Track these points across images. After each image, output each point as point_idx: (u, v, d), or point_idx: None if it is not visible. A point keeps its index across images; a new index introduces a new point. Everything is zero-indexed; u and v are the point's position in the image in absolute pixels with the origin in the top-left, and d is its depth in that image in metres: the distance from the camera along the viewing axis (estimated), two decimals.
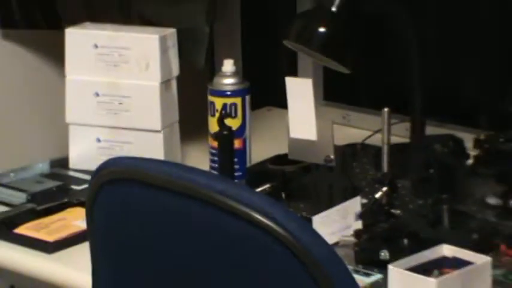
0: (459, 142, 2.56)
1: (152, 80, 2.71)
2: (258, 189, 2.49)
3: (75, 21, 2.81)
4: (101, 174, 1.89)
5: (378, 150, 2.50)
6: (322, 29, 2.51)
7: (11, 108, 3.01)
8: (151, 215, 1.89)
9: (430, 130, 2.63)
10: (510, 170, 2.44)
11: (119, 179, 1.89)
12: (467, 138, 2.56)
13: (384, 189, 2.32)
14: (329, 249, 1.67)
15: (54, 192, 2.62)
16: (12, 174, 2.71)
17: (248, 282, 1.75)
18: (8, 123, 3.00)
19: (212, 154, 2.69)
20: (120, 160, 1.94)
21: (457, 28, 3.05)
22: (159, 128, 2.73)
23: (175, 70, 2.77)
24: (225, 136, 2.61)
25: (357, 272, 2.13)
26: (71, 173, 2.74)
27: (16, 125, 3.02)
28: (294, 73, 3.00)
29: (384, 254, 2.15)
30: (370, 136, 2.72)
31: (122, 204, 1.93)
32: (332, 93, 3.19)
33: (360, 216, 2.29)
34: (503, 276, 2.09)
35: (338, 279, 1.64)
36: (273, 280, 1.69)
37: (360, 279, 2.07)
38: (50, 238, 2.38)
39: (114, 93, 2.73)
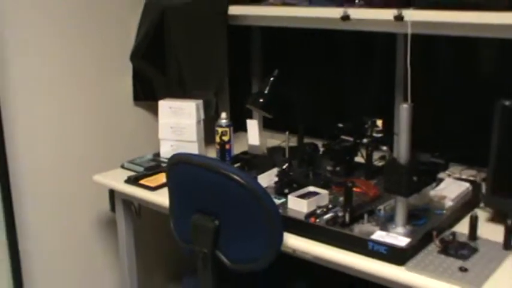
0: (316, 145, 2.68)
1: (193, 120, 2.79)
2: (235, 165, 2.63)
3: (162, 97, 2.86)
4: (172, 159, 2.15)
5: (284, 149, 2.56)
6: (261, 100, 2.63)
7: (138, 134, 3.04)
8: (192, 177, 2.10)
9: (306, 140, 2.64)
10: (336, 156, 2.52)
11: (179, 161, 2.13)
12: (319, 144, 2.64)
13: (286, 164, 2.42)
14: (263, 189, 1.98)
15: (154, 166, 2.74)
16: (137, 159, 2.81)
17: (232, 206, 2.01)
18: (138, 140, 3.03)
19: (217, 151, 2.78)
20: (180, 153, 2.16)
21: (313, 95, 3.12)
22: (195, 140, 2.81)
23: (202, 116, 2.84)
24: (222, 143, 2.75)
25: (275, 197, 2.27)
26: (161, 159, 2.82)
27: (140, 141, 3.04)
28: (251, 117, 2.97)
29: (286, 191, 2.30)
30: (280, 143, 2.77)
31: (180, 172, 2.14)
32: (266, 125, 3.23)
33: (277, 176, 2.40)
34: (334, 199, 2.27)
35: (266, 201, 1.96)
36: (241, 203, 1.98)
37: (276, 200, 2.18)
38: (153, 184, 2.55)
39: (178, 126, 2.81)
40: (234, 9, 2.81)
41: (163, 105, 2.84)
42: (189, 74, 2.84)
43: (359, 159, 2.58)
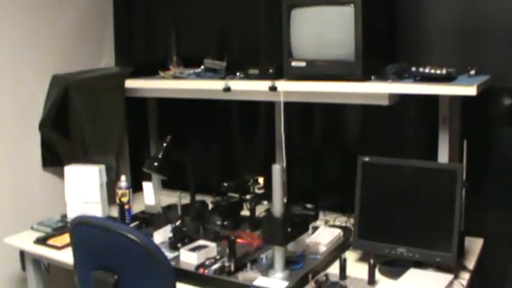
0: (205, 203, 2.70)
1: (96, 184, 2.76)
2: (132, 225, 2.61)
3: (68, 163, 2.82)
4: (73, 222, 2.10)
5: (177, 206, 2.62)
6: (155, 164, 2.57)
7: (47, 197, 2.94)
8: (91, 237, 2.05)
9: (198, 197, 2.63)
10: (224, 212, 2.57)
11: (79, 223, 2.08)
12: (208, 200, 2.69)
13: (179, 221, 2.45)
14: (156, 245, 1.96)
15: (61, 227, 2.68)
16: (46, 221, 2.74)
17: (129, 261, 1.96)
18: (47, 202, 2.92)
19: (118, 211, 2.68)
20: (80, 216, 2.15)
21: (204, 157, 3.18)
22: (99, 201, 2.78)
23: (104, 179, 2.81)
24: (122, 204, 2.68)
25: (169, 252, 2.27)
26: (68, 220, 2.70)
27: (49, 203, 2.90)
28: (149, 180, 2.90)
29: (179, 245, 2.30)
30: (176, 202, 2.67)
31: (80, 233, 2.09)
32: (164, 184, 3.16)
33: (171, 232, 2.38)
34: (221, 251, 2.26)
35: (159, 256, 1.92)
36: (137, 259, 1.93)
37: (170, 254, 2.23)
38: (59, 244, 2.52)
39: (83, 189, 2.78)
40: (130, 83, 2.84)
41: (69, 170, 2.81)
42: (91, 141, 2.81)
43: (246, 213, 2.62)
